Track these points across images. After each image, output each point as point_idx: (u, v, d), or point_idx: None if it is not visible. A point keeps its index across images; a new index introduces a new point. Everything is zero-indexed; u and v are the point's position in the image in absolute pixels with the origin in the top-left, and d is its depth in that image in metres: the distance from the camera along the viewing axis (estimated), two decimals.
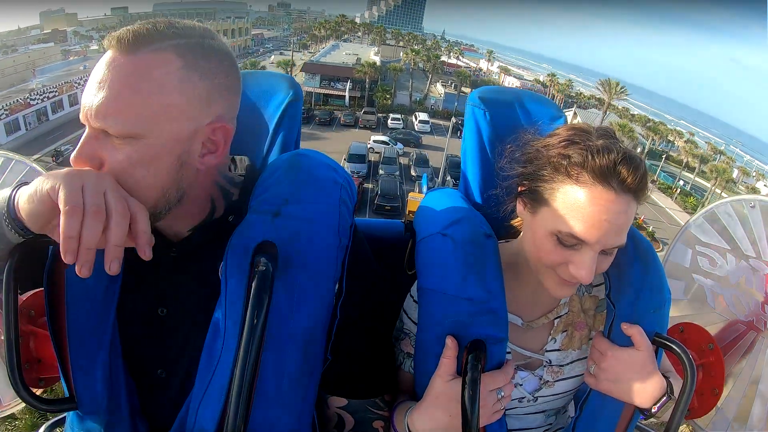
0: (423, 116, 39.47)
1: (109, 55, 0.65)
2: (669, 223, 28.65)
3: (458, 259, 0.78)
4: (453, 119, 28.26)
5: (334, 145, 29.55)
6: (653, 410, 0.77)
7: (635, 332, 0.79)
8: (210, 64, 0.68)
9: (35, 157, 25.23)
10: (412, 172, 26.59)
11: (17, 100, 29.38)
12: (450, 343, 0.74)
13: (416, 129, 36.74)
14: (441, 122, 39.43)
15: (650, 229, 25.56)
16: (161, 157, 0.66)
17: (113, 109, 0.63)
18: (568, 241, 0.72)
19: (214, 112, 0.69)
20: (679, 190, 35.24)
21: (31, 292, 1.11)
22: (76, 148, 0.65)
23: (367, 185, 24.42)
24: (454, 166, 24.70)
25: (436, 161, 27.62)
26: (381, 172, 25.17)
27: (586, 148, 0.72)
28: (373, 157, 27.67)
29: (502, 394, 0.75)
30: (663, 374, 0.80)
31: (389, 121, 37.32)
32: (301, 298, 0.69)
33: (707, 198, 33.95)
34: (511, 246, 0.88)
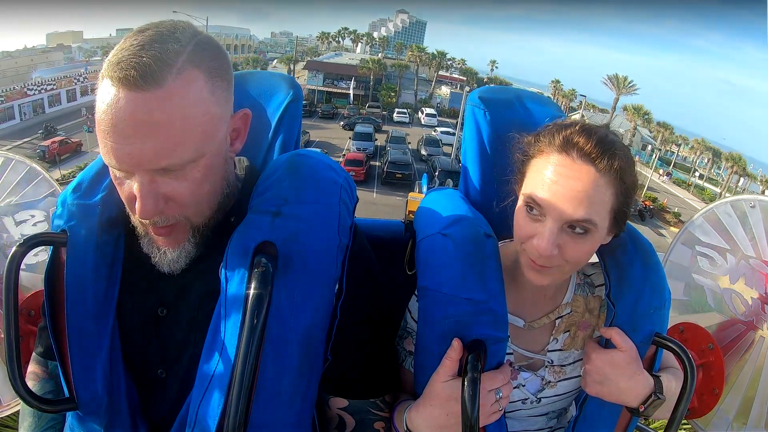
0: (430, 110, 40.07)
1: (129, 95, 0.59)
2: (690, 209, 29.19)
3: (458, 259, 0.78)
4: (461, 114, 28.58)
5: (337, 132, 30.14)
6: (641, 409, 0.77)
7: (613, 334, 0.79)
8: (217, 63, 0.68)
9: (26, 139, 25.03)
10: (423, 152, 27.17)
11: (13, 87, 28.87)
12: (456, 344, 0.74)
13: (423, 122, 37.36)
14: (447, 120, 39.85)
15: (675, 210, 25.90)
16: (216, 164, 0.71)
17: (171, 145, 0.62)
18: (531, 208, 0.75)
19: (231, 103, 0.73)
20: (693, 185, 35.52)
21: (32, 292, 1.11)
22: (139, 203, 0.64)
23: (374, 163, 24.77)
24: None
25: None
26: (389, 148, 25.86)
27: (554, 126, 0.77)
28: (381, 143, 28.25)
29: (501, 394, 0.75)
30: (654, 374, 0.80)
31: (395, 114, 37.85)
32: (301, 298, 0.69)
33: (724, 188, 34.10)
34: (512, 246, 0.88)
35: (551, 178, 0.73)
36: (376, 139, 28.35)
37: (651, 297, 0.82)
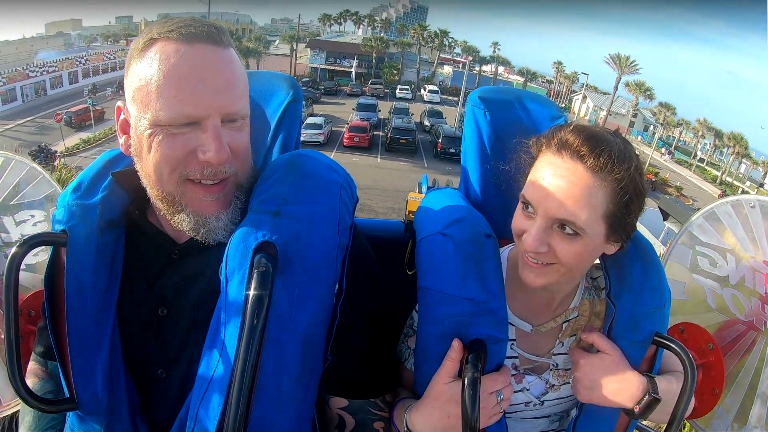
0: (432, 87, 41.16)
1: (206, 47, 0.68)
2: (692, 185, 29.88)
3: (458, 259, 0.78)
4: (463, 90, 29.83)
5: (340, 106, 31.03)
6: (636, 410, 0.76)
7: (595, 338, 0.80)
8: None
9: (29, 118, 25.36)
10: (426, 122, 28.02)
11: (15, 69, 28.99)
12: (456, 345, 0.74)
13: (425, 99, 38.19)
14: (449, 97, 40.71)
15: (678, 184, 26.17)
16: (248, 131, 0.76)
17: (238, 95, 0.71)
18: (526, 206, 0.76)
19: None
20: (695, 165, 35.90)
21: (31, 292, 1.11)
22: (216, 146, 0.68)
23: (377, 133, 25.41)
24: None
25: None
26: (392, 117, 26.77)
27: (554, 128, 0.78)
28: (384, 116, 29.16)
29: (502, 396, 0.75)
30: (645, 374, 0.80)
31: (397, 90, 38.61)
32: (301, 298, 0.69)
33: (726, 171, 34.31)
34: None
35: (542, 177, 0.75)
36: (380, 110, 29.19)
37: (651, 297, 0.82)
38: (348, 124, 24.87)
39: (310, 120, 23.46)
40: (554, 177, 0.73)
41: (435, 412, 0.74)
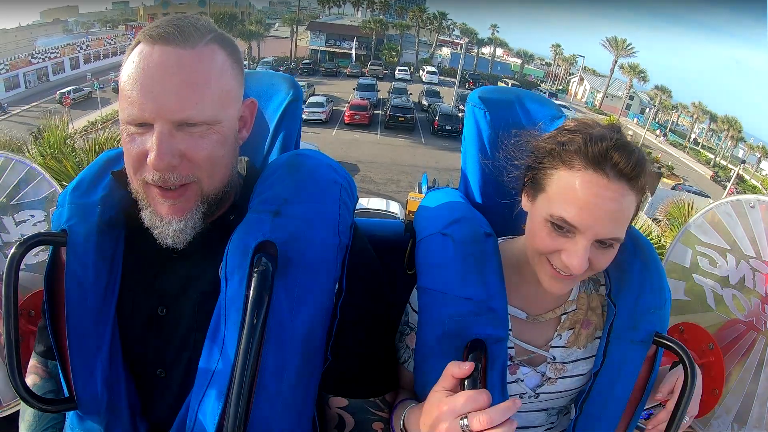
0: (430, 68, 41.68)
1: (163, 49, 0.66)
2: (684, 166, 30.37)
3: (458, 259, 0.78)
4: (460, 71, 30.23)
5: (340, 87, 31.75)
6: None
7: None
8: (235, 51, 0.75)
9: (35, 103, 25.70)
10: (423, 102, 28.59)
11: (18, 56, 29.30)
12: (456, 370, 0.68)
13: (424, 80, 38.55)
14: (448, 78, 41.24)
15: (669, 164, 26.26)
16: (229, 137, 0.73)
17: (193, 100, 0.67)
18: (560, 227, 0.73)
19: (243, 91, 0.78)
20: (688, 148, 36.33)
21: (31, 292, 1.11)
22: (155, 153, 0.66)
23: (377, 111, 26.14)
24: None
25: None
26: (391, 96, 27.61)
27: (583, 135, 0.73)
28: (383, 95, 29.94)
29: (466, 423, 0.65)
30: None
31: (396, 72, 39.17)
32: (301, 297, 0.69)
33: (720, 152, 34.67)
34: (518, 242, 0.88)
35: (586, 198, 0.70)
36: (379, 90, 29.82)
37: (651, 296, 0.82)
38: (349, 103, 25.68)
39: (312, 99, 23.97)
40: (603, 199, 0.70)
41: (429, 419, 0.73)
